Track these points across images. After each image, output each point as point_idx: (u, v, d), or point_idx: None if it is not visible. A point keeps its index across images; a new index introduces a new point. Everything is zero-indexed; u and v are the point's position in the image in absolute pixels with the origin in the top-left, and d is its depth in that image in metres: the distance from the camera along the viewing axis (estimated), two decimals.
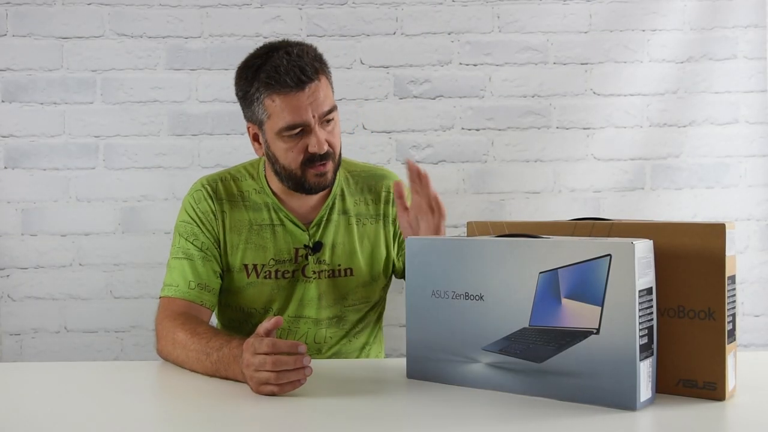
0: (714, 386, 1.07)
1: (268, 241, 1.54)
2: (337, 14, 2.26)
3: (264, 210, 1.55)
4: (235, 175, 1.60)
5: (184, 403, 1.16)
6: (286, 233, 1.54)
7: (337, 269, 1.56)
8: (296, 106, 1.41)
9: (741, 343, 2.24)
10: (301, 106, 1.41)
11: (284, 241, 1.54)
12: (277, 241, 1.54)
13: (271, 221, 1.55)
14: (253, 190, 1.57)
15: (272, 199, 1.55)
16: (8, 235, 2.22)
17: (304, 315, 1.56)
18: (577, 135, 2.28)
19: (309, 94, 1.41)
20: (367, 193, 1.61)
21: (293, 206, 1.56)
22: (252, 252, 1.53)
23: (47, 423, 1.04)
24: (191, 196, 1.57)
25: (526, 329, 1.10)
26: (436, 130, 2.28)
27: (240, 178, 1.59)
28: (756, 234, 2.28)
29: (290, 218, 1.54)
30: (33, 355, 2.22)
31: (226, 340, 1.27)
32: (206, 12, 2.25)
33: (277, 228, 1.54)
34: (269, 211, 1.55)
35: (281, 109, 1.42)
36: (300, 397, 1.12)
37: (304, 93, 1.41)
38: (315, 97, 1.42)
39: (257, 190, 1.57)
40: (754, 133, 2.28)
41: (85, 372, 1.39)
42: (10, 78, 2.22)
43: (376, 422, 1.04)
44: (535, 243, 1.09)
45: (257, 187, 1.57)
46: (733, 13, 2.27)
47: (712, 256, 1.06)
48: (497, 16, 2.28)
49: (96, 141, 2.24)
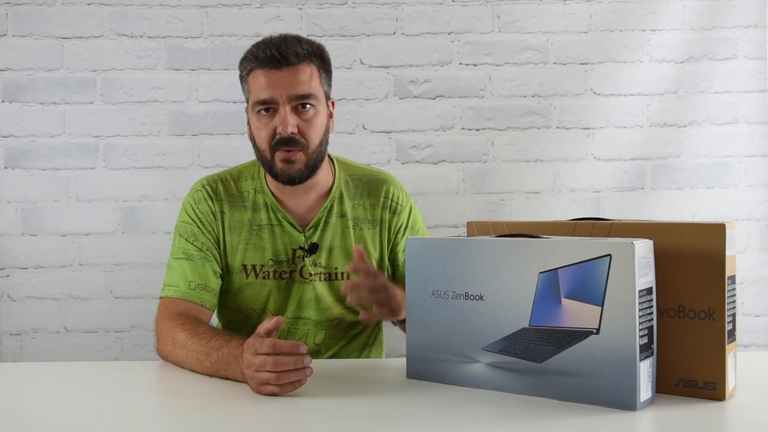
0: (714, 386, 1.07)
1: (266, 242, 1.53)
2: (337, 14, 2.26)
3: (263, 210, 1.55)
4: (236, 175, 1.60)
5: (184, 403, 1.16)
6: (284, 233, 1.54)
7: (334, 272, 1.56)
8: (268, 82, 1.45)
9: (741, 343, 2.24)
10: (273, 84, 1.44)
11: (282, 242, 1.54)
12: (275, 241, 1.54)
13: (270, 221, 1.54)
14: (253, 190, 1.57)
15: (271, 199, 1.55)
16: (8, 235, 2.22)
17: (303, 316, 1.56)
18: (577, 135, 2.28)
19: (284, 75, 1.44)
20: (366, 198, 1.60)
21: (291, 206, 1.56)
22: (251, 252, 1.53)
23: (47, 423, 1.04)
24: (191, 197, 1.57)
25: (526, 329, 1.10)
26: (436, 130, 2.28)
27: (240, 178, 1.59)
28: (756, 234, 2.28)
29: (288, 219, 1.54)
30: (33, 355, 2.22)
31: (225, 340, 1.26)
32: (206, 12, 2.25)
33: (276, 228, 1.54)
34: (268, 211, 1.55)
35: (256, 84, 1.46)
36: (300, 397, 1.12)
37: (280, 72, 1.44)
38: (290, 79, 1.44)
39: (257, 189, 1.57)
40: (754, 133, 2.28)
41: (85, 372, 1.39)
42: (10, 78, 2.22)
43: (376, 422, 1.04)
44: (535, 243, 1.09)
45: (256, 186, 1.57)
46: (733, 13, 2.27)
47: (712, 256, 1.06)
48: (497, 16, 2.28)
49: (96, 141, 2.24)
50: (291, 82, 1.44)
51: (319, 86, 1.49)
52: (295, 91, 1.44)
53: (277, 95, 1.44)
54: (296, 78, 1.45)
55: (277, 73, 1.44)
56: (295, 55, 1.44)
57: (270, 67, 1.44)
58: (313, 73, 1.48)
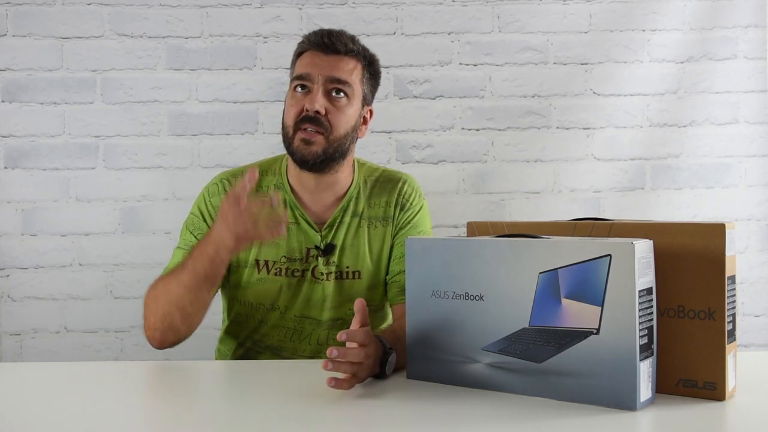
0: (714, 386, 1.07)
1: (281, 239, 1.53)
2: (337, 14, 2.26)
3: (280, 206, 1.54)
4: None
5: (184, 403, 1.16)
6: (300, 232, 1.54)
7: (345, 271, 1.55)
8: (309, 62, 1.49)
9: (741, 343, 2.23)
10: (314, 63, 1.49)
11: (297, 240, 1.54)
12: (291, 239, 1.54)
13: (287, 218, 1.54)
14: (273, 185, 1.57)
15: (290, 196, 1.55)
16: (8, 235, 2.22)
17: (309, 316, 1.55)
18: (577, 135, 2.28)
19: (328, 59, 1.49)
20: (382, 196, 1.59)
21: (309, 204, 1.55)
22: (265, 248, 1.53)
23: (47, 423, 1.04)
24: (207, 189, 1.58)
25: (526, 329, 1.10)
26: (436, 130, 2.28)
27: (262, 173, 1.58)
28: (756, 234, 2.28)
29: (305, 217, 1.54)
30: (33, 355, 2.22)
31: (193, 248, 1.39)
32: (206, 12, 2.25)
33: (292, 226, 1.54)
34: (286, 208, 1.54)
35: (299, 63, 1.51)
36: (300, 396, 1.12)
37: (325, 56, 1.49)
38: (331, 64, 1.48)
39: (277, 185, 1.57)
40: (754, 133, 2.28)
41: (85, 372, 1.39)
42: (10, 78, 2.22)
43: (376, 422, 1.04)
44: (535, 243, 1.09)
45: (277, 182, 1.57)
46: (733, 13, 2.27)
47: (712, 256, 1.06)
48: (497, 16, 2.28)
49: (96, 141, 2.24)
50: (331, 65, 1.48)
51: (359, 82, 1.52)
52: (332, 73, 1.48)
53: (315, 74, 1.48)
54: (337, 65, 1.49)
55: (322, 56, 1.49)
56: (344, 46, 1.50)
57: (318, 50, 1.50)
58: (356, 68, 1.51)
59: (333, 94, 1.48)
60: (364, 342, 1.14)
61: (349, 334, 1.13)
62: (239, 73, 2.25)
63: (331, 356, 1.08)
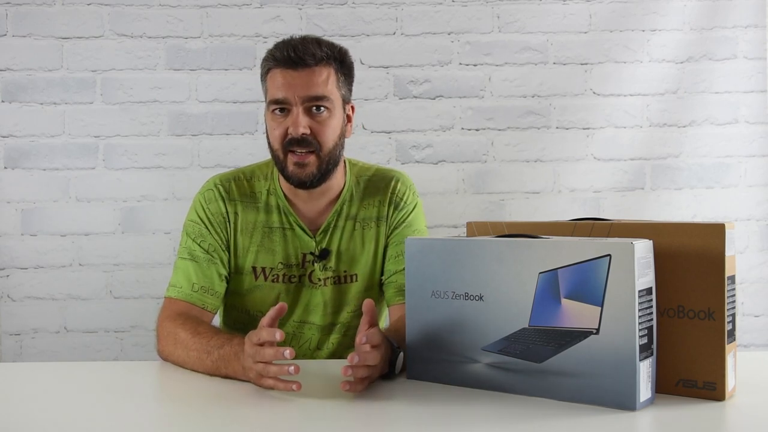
0: (714, 386, 1.07)
1: (277, 245, 1.53)
2: (337, 14, 2.26)
3: (275, 212, 1.54)
4: (249, 174, 1.58)
5: (184, 403, 1.16)
6: (295, 238, 1.53)
7: (342, 275, 1.55)
8: (283, 82, 1.44)
9: (741, 343, 2.24)
10: (287, 84, 1.43)
11: (293, 246, 1.53)
12: (287, 245, 1.53)
13: (282, 225, 1.53)
14: (266, 191, 1.55)
15: (283, 202, 1.54)
16: (8, 235, 2.22)
17: (309, 321, 1.55)
18: (577, 135, 2.28)
19: (299, 76, 1.43)
20: (375, 196, 1.58)
21: (302, 210, 1.54)
22: (262, 255, 1.52)
23: (47, 423, 1.04)
24: (202, 195, 1.55)
25: (525, 329, 1.10)
26: (436, 130, 2.28)
27: (253, 177, 1.57)
28: (756, 234, 2.28)
29: (299, 223, 1.53)
30: (33, 355, 2.22)
31: (227, 339, 1.26)
32: (206, 12, 2.25)
33: (287, 232, 1.53)
34: (280, 215, 1.54)
35: (273, 84, 1.45)
36: (300, 397, 1.12)
37: (296, 73, 1.43)
38: (304, 80, 1.43)
39: (269, 190, 1.55)
40: (754, 133, 2.28)
41: (85, 372, 1.39)
42: (10, 78, 2.23)
43: (376, 422, 1.04)
44: (534, 243, 1.09)
45: (269, 187, 1.56)
46: (733, 13, 2.27)
47: (711, 256, 1.06)
48: (497, 16, 2.28)
49: (96, 141, 2.24)
50: (305, 83, 1.43)
51: (336, 89, 1.47)
52: (309, 92, 1.43)
53: (291, 96, 1.43)
54: (311, 79, 1.44)
55: (293, 74, 1.43)
56: (312, 57, 1.43)
57: (286, 67, 1.44)
58: (330, 75, 1.46)
59: (314, 111, 1.44)
60: (378, 343, 1.15)
61: (369, 336, 1.13)
62: (239, 73, 2.25)
63: (353, 362, 1.09)
